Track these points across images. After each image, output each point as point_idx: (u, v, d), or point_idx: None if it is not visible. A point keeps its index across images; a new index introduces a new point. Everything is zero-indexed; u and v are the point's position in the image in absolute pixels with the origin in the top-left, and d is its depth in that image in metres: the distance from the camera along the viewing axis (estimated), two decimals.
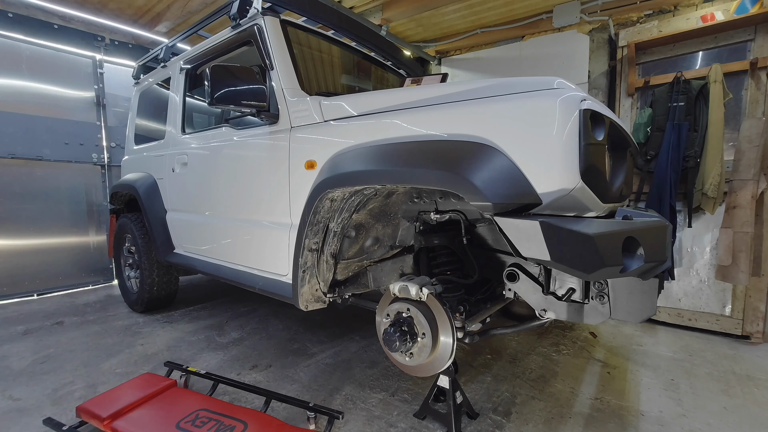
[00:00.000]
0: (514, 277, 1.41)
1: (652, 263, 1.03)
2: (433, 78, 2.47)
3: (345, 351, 2.35)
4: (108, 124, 4.11)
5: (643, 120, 2.83)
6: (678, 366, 2.21)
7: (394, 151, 1.32)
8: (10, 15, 3.51)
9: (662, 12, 3.02)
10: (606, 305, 1.25)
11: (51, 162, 3.71)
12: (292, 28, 1.98)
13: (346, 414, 1.68)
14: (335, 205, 1.57)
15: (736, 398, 1.87)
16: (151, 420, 1.50)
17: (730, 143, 2.77)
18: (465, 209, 1.58)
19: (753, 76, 2.67)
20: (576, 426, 1.62)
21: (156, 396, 1.66)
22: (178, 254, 2.70)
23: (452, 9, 3.51)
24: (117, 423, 1.47)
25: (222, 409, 1.56)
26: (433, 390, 1.64)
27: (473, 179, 1.09)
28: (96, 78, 4.03)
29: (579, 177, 1.04)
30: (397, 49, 2.82)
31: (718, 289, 2.77)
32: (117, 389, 1.69)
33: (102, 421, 1.47)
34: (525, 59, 3.72)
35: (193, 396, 1.68)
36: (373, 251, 1.85)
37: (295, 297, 1.72)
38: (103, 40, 4.08)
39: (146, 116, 3.15)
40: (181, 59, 2.55)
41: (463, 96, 1.25)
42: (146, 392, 1.65)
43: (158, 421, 1.49)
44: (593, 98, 1.20)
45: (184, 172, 2.48)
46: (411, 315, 1.38)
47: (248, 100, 1.68)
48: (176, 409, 1.57)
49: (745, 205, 2.51)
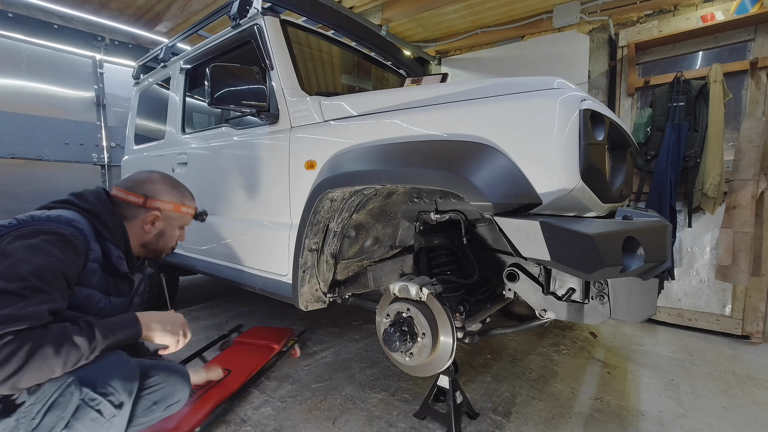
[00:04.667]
0: (514, 277, 1.41)
1: (652, 263, 1.03)
2: (433, 78, 2.47)
3: (345, 351, 2.35)
4: (108, 124, 4.11)
5: (643, 120, 2.83)
6: (678, 366, 2.21)
7: (394, 151, 1.32)
8: (10, 15, 3.51)
9: (662, 12, 3.02)
10: (606, 305, 1.25)
11: (51, 162, 3.71)
12: (292, 28, 1.98)
13: (345, 414, 1.68)
14: (335, 205, 1.56)
15: (736, 398, 1.87)
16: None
17: (730, 143, 2.77)
18: (465, 209, 1.58)
19: (753, 76, 2.67)
20: (576, 426, 1.62)
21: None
22: (178, 254, 2.70)
23: (452, 9, 3.51)
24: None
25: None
26: (433, 390, 1.64)
27: (473, 179, 1.09)
28: (96, 78, 4.03)
29: (579, 177, 1.04)
30: (397, 49, 2.82)
31: (718, 289, 2.77)
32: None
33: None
34: (525, 59, 3.72)
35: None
36: (373, 251, 1.85)
37: (295, 297, 1.71)
38: (103, 40, 4.08)
39: (146, 116, 3.15)
40: (181, 59, 2.55)
41: (463, 96, 1.25)
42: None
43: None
44: (593, 98, 1.20)
45: (184, 172, 2.48)
46: (411, 315, 1.38)
47: (248, 100, 1.68)
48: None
49: (745, 205, 2.51)
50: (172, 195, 1.29)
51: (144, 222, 1.24)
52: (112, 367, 1.00)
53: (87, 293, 1.07)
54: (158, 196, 1.26)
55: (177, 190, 1.32)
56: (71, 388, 0.92)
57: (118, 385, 0.98)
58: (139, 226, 1.24)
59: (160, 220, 1.26)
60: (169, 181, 1.32)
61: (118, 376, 0.99)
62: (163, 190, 1.27)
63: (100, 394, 0.95)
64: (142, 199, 1.22)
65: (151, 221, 1.25)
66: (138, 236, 1.24)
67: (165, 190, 1.28)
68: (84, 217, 1.12)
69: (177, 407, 1.28)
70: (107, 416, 0.95)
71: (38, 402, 0.89)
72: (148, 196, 1.24)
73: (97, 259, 1.10)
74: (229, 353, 2.11)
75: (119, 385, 0.99)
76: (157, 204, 1.25)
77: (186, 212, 1.33)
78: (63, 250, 0.98)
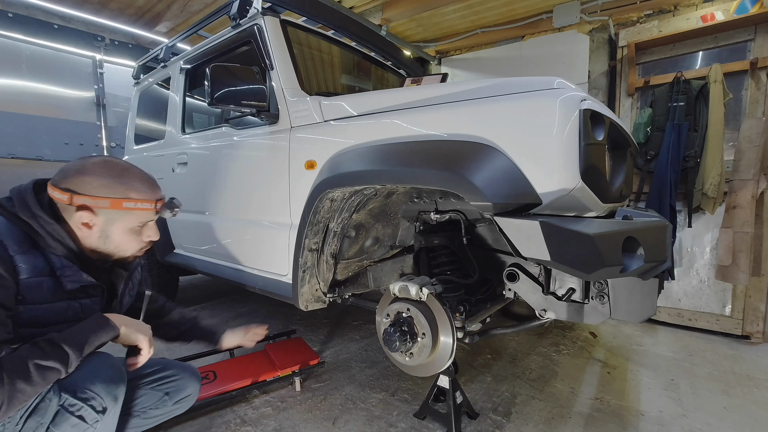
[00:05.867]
0: (514, 277, 1.41)
1: (652, 263, 1.03)
2: (433, 78, 2.47)
3: (345, 351, 2.35)
4: (108, 124, 4.12)
5: (643, 120, 2.83)
6: (678, 366, 2.21)
7: (394, 151, 1.32)
8: (10, 15, 3.52)
9: (662, 12, 3.01)
10: (606, 305, 1.25)
11: (51, 162, 3.71)
12: (292, 28, 1.98)
13: (345, 414, 1.68)
14: (335, 205, 1.56)
15: (736, 398, 1.87)
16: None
17: (730, 143, 2.77)
18: (465, 209, 1.58)
19: (753, 76, 2.67)
20: (576, 426, 1.62)
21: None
22: (178, 254, 2.70)
23: (452, 9, 3.51)
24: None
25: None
26: (433, 390, 1.64)
27: (473, 179, 1.09)
28: (96, 78, 4.03)
29: (579, 177, 1.04)
30: (397, 49, 2.82)
31: (718, 289, 2.77)
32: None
33: None
34: (525, 59, 3.72)
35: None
36: (373, 251, 1.85)
37: (295, 297, 1.72)
38: (103, 40, 4.09)
39: (146, 116, 3.15)
40: (181, 59, 2.55)
41: (463, 96, 1.25)
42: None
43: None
44: (593, 98, 1.20)
45: (183, 172, 2.48)
46: (411, 315, 1.38)
47: (248, 100, 1.68)
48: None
49: (745, 205, 2.51)
50: (108, 188, 1.00)
51: (76, 225, 1.00)
52: (96, 372, 0.95)
53: (45, 308, 0.95)
54: (87, 191, 0.98)
55: (118, 180, 1.02)
56: (50, 394, 0.90)
57: (101, 389, 0.94)
58: (76, 228, 1.01)
59: (95, 220, 1.00)
60: (108, 170, 1.02)
61: (101, 380, 0.95)
62: (94, 183, 0.99)
63: (80, 400, 0.91)
64: (67, 195, 0.97)
65: (84, 223, 0.99)
66: (82, 240, 1.02)
67: (98, 183, 0.99)
68: (11, 223, 0.95)
69: (187, 403, 1.27)
70: (90, 421, 0.92)
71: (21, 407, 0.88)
72: (74, 191, 0.97)
73: (42, 272, 0.94)
74: (240, 360, 1.97)
75: (102, 389, 0.94)
76: (86, 201, 0.98)
77: (135, 208, 1.03)
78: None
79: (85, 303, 1.04)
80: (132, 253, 1.11)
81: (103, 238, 1.03)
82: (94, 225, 1.01)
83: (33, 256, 0.94)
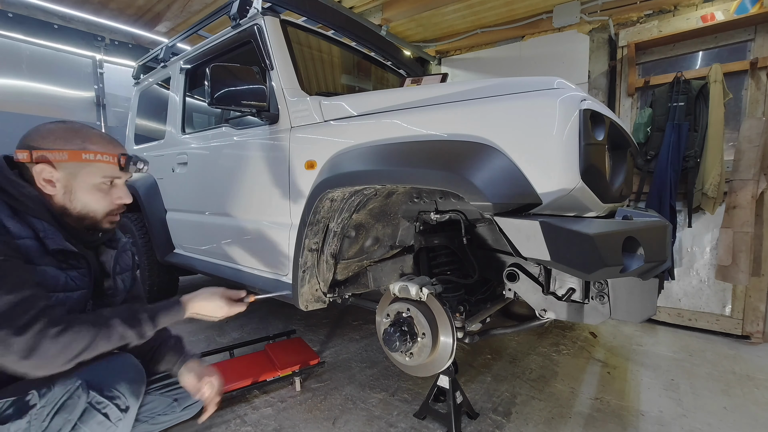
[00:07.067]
0: (514, 277, 1.41)
1: (652, 263, 1.03)
2: (433, 78, 2.47)
3: (345, 351, 2.35)
4: (108, 124, 4.11)
5: (643, 120, 2.83)
6: (678, 366, 2.21)
7: (394, 151, 1.32)
8: (10, 15, 3.51)
9: (662, 12, 3.02)
10: (606, 305, 1.25)
11: None
12: (292, 28, 1.98)
13: (345, 414, 1.68)
14: (335, 205, 1.56)
15: (736, 398, 1.87)
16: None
17: (730, 143, 2.77)
18: (465, 209, 1.58)
19: (753, 76, 2.67)
20: (576, 426, 1.62)
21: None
22: (178, 254, 2.70)
23: (452, 9, 3.51)
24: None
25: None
26: (433, 390, 1.64)
27: (473, 179, 1.09)
28: (96, 78, 4.03)
29: (579, 177, 1.04)
30: (397, 49, 2.82)
31: (718, 289, 2.77)
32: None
33: None
34: (525, 59, 3.72)
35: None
36: (373, 251, 1.85)
37: (295, 297, 1.72)
38: (103, 40, 4.08)
39: (146, 116, 3.15)
40: (181, 59, 2.55)
41: (463, 96, 1.25)
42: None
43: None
44: (593, 98, 1.20)
45: (184, 172, 2.48)
46: (411, 315, 1.38)
47: (248, 100, 1.68)
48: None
49: (745, 205, 2.51)
50: (66, 141, 1.00)
51: (39, 182, 0.98)
52: (120, 371, 0.99)
53: (39, 270, 0.94)
54: (45, 145, 0.98)
55: (76, 134, 1.03)
56: (79, 391, 0.92)
57: (125, 388, 0.97)
58: (41, 187, 0.99)
59: (57, 175, 0.99)
60: (67, 128, 1.04)
61: (125, 379, 0.98)
62: (52, 137, 1.00)
63: (106, 398, 0.94)
64: (26, 153, 0.97)
65: (46, 179, 0.98)
66: (51, 201, 1.01)
67: (55, 137, 1.00)
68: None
69: (195, 408, 1.27)
70: (113, 420, 0.95)
71: (48, 404, 0.89)
72: (34, 147, 0.98)
73: (29, 235, 0.94)
74: (240, 360, 2.00)
75: (126, 388, 0.97)
76: (44, 155, 0.97)
77: (94, 159, 1.02)
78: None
79: (72, 275, 1.02)
80: (102, 213, 1.08)
81: (68, 195, 1.01)
82: (57, 181, 1.00)
83: (16, 221, 0.94)
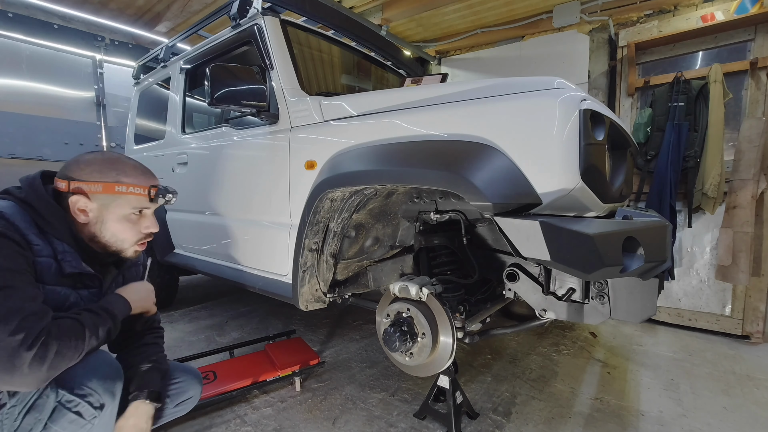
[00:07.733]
0: (514, 277, 1.41)
1: (652, 263, 1.03)
2: (433, 78, 2.47)
3: (345, 351, 2.35)
4: (108, 124, 4.11)
5: (643, 120, 2.83)
6: (678, 366, 2.21)
7: (395, 151, 1.32)
8: (10, 15, 3.51)
9: (662, 12, 3.01)
10: (606, 305, 1.25)
11: (51, 162, 3.71)
12: (292, 28, 1.98)
13: (345, 414, 1.68)
14: (335, 205, 1.56)
15: (736, 398, 1.87)
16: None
17: (730, 143, 2.77)
18: (465, 209, 1.58)
19: (753, 76, 2.67)
20: (576, 426, 1.62)
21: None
22: (178, 254, 2.70)
23: (452, 9, 3.51)
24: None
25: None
26: (433, 390, 1.64)
27: (473, 179, 1.09)
28: (96, 78, 4.03)
29: (579, 177, 1.04)
30: (397, 49, 2.82)
31: (718, 289, 2.77)
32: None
33: None
34: (525, 59, 3.72)
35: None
36: (373, 251, 1.85)
37: (295, 297, 1.72)
38: (103, 40, 4.08)
39: (146, 116, 3.15)
40: (181, 59, 2.55)
41: (463, 96, 1.25)
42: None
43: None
44: (593, 98, 1.20)
45: (183, 172, 2.48)
46: (411, 315, 1.38)
47: (248, 100, 1.68)
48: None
49: (745, 205, 2.51)
50: (101, 173, 1.06)
51: (74, 211, 1.04)
52: (92, 368, 0.97)
53: (50, 290, 0.98)
54: (82, 177, 1.04)
55: (111, 167, 1.08)
56: (47, 390, 0.91)
57: (98, 385, 0.95)
58: (74, 215, 1.05)
59: (90, 205, 1.05)
60: (102, 158, 1.10)
61: (98, 377, 0.96)
62: (88, 170, 1.06)
63: (77, 396, 0.92)
64: (65, 183, 1.04)
65: (80, 209, 1.04)
66: (82, 229, 1.07)
67: (92, 170, 1.06)
68: (20, 207, 1.00)
69: (189, 405, 1.27)
70: (87, 417, 0.93)
71: (19, 404, 0.89)
72: (72, 178, 1.04)
73: (49, 254, 0.99)
74: (240, 360, 2.00)
75: (99, 385, 0.95)
76: (81, 186, 1.04)
77: (127, 192, 1.08)
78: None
79: (83, 294, 1.08)
80: (130, 244, 1.13)
81: (99, 225, 1.07)
82: (90, 211, 1.06)
83: (40, 239, 0.99)
